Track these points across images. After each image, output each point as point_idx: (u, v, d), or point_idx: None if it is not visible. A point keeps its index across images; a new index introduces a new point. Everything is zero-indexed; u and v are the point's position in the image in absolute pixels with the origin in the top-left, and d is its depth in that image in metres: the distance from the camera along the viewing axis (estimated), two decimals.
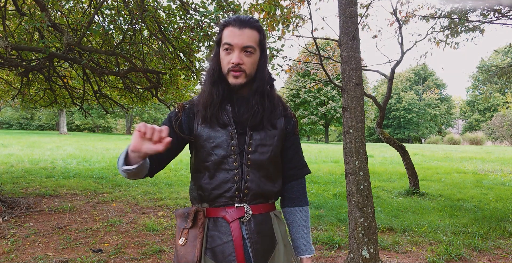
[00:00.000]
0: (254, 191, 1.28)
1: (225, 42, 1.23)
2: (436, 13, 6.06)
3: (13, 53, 5.26)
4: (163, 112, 42.30)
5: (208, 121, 1.27)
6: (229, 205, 1.27)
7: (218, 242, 1.25)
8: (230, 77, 1.25)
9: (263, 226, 1.30)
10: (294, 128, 1.40)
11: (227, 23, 1.25)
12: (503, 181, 9.16)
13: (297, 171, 1.42)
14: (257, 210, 1.30)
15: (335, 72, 8.12)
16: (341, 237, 4.17)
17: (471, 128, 49.30)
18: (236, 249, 1.23)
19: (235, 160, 1.26)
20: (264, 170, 1.31)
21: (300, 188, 1.43)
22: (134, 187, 7.19)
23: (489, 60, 45.09)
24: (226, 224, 1.26)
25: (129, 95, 7.24)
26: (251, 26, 1.24)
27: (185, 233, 1.29)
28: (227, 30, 1.24)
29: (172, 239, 4.11)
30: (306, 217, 1.42)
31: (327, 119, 37.84)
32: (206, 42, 4.57)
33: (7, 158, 11.16)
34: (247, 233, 1.27)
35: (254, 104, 1.28)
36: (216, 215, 1.28)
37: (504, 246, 4.07)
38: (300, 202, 1.42)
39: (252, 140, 1.29)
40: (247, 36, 1.23)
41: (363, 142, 3.15)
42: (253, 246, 1.26)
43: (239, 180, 1.26)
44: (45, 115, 40.07)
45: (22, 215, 4.86)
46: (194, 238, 1.26)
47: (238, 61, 1.22)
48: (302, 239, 1.40)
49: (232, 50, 1.23)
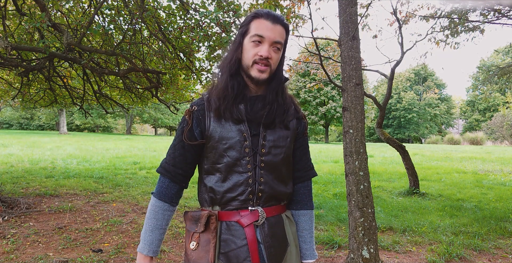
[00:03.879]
0: (268, 193, 1.25)
1: (256, 34, 1.20)
2: (436, 13, 6.06)
3: (13, 53, 5.26)
4: (163, 112, 42.31)
5: (221, 115, 1.24)
6: (243, 208, 1.24)
7: (232, 246, 1.22)
8: (253, 70, 1.22)
9: (276, 228, 1.28)
10: (304, 129, 1.39)
11: (258, 15, 1.23)
12: (503, 181, 9.15)
13: (304, 173, 1.40)
14: (270, 213, 1.27)
15: (335, 72, 8.12)
16: (341, 237, 4.17)
17: (471, 128, 49.30)
18: (252, 254, 1.21)
19: (249, 162, 1.23)
20: (277, 172, 1.28)
21: (306, 191, 1.40)
22: (134, 187, 7.19)
23: (489, 60, 45.08)
24: (239, 228, 1.23)
25: (129, 95, 7.24)
26: (282, 23, 1.24)
27: (196, 237, 1.25)
28: (257, 21, 1.22)
29: (172, 239, 4.11)
30: (310, 221, 1.40)
31: (327, 119, 37.84)
32: (206, 42, 4.57)
33: (7, 158, 11.16)
34: (261, 237, 1.24)
35: (271, 101, 1.27)
36: (229, 218, 1.24)
37: (504, 246, 4.07)
38: (305, 206, 1.39)
39: (266, 142, 1.26)
40: (279, 32, 1.23)
41: (363, 142, 3.15)
42: (267, 250, 1.24)
43: (253, 183, 1.23)
44: (45, 115, 40.08)
45: (22, 215, 4.86)
46: (207, 242, 1.22)
47: (268, 55, 1.20)
48: (305, 244, 1.38)
49: (262, 42, 1.21)
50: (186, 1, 4.59)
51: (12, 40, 5.20)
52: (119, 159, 12.37)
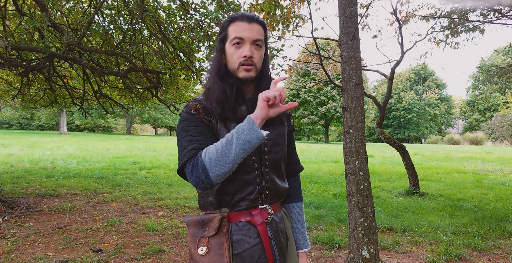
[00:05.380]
0: (273, 191, 1.29)
1: (236, 36, 1.22)
2: (436, 13, 6.06)
3: (13, 53, 5.26)
4: (163, 112, 42.31)
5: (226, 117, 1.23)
6: (253, 207, 1.25)
7: (245, 246, 1.22)
8: (241, 72, 1.23)
9: (281, 224, 1.33)
10: (291, 125, 1.45)
11: (233, 19, 1.25)
12: (503, 181, 9.15)
13: (294, 168, 1.46)
14: (275, 210, 1.32)
15: (335, 72, 8.12)
16: (341, 237, 4.17)
17: (471, 128, 49.29)
18: (267, 251, 1.24)
19: (255, 161, 1.25)
20: (278, 169, 1.32)
21: (296, 184, 1.47)
22: (134, 187, 7.19)
23: (489, 60, 45.07)
24: (251, 226, 1.24)
25: (129, 95, 7.25)
26: (258, 21, 1.27)
27: (204, 242, 1.22)
28: (234, 25, 1.24)
29: (172, 239, 4.11)
30: (301, 212, 1.46)
31: (327, 119, 37.83)
32: (206, 42, 4.57)
33: (7, 158, 11.16)
34: (272, 233, 1.28)
35: None
36: (239, 219, 1.24)
37: (504, 246, 4.07)
38: (296, 198, 1.46)
39: (267, 140, 1.28)
40: (257, 30, 1.25)
41: (363, 142, 3.15)
42: (278, 246, 1.29)
43: (261, 182, 1.25)
44: (45, 115, 40.06)
45: (22, 215, 4.86)
46: (219, 246, 1.20)
47: (250, 54, 1.22)
48: (299, 234, 1.44)
49: (243, 43, 1.23)
50: (186, 1, 4.59)
51: (12, 40, 5.20)
52: (119, 159, 12.37)
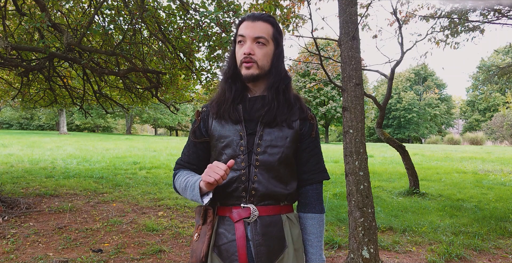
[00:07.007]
0: (262, 192, 1.27)
1: (239, 34, 1.28)
2: (436, 13, 6.06)
3: (13, 53, 5.26)
4: (163, 112, 42.29)
5: (220, 117, 1.32)
6: (236, 205, 1.29)
7: (224, 240, 1.28)
8: (242, 69, 1.28)
9: (271, 228, 1.28)
10: (310, 130, 1.37)
11: (242, 19, 1.30)
12: (503, 181, 9.16)
13: (312, 176, 1.37)
14: (265, 212, 1.28)
15: (335, 72, 8.12)
16: (341, 237, 4.17)
17: (471, 128, 49.29)
18: (239, 249, 1.24)
19: (243, 160, 1.28)
20: (274, 171, 1.29)
21: (314, 194, 1.37)
22: (134, 187, 7.19)
23: (489, 60, 45.09)
24: (232, 223, 1.28)
25: (129, 95, 7.24)
26: (264, 19, 1.28)
27: (198, 229, 1.31)
28: (242, 25, 1.29)
29: (172, 239, 4.12)
30: (318, 225, 1.36)
31: (327, 119, 37.84)
32: (206, 42, 4.57)
33: (7, 158, 11.16)
34: (251, 234, 1.26)
35: (270, 100, 1.29)
36: (224, 213, 1.31)
37: (504, 246, 4.07)
38: (313, 209, 1.36)
39: (262, 141, 1.28)
40: (259, 28, 1.26)
41: (363, 142, 3.15)
42: (256, 248, 1.25)
43: (246, 180, 1.27)
44: (45, 115, 40.06)
45: (22, 215, 4.86)
46: (204, 234, 1.28)
47: (249, 51, 1.24)
48: (311, 248, 1.34)
49: (244, 41, 1.27)
50: (186, 1, 4.59)
51: (12, 40, 5.20)
52: (119, 159, 12.37)
